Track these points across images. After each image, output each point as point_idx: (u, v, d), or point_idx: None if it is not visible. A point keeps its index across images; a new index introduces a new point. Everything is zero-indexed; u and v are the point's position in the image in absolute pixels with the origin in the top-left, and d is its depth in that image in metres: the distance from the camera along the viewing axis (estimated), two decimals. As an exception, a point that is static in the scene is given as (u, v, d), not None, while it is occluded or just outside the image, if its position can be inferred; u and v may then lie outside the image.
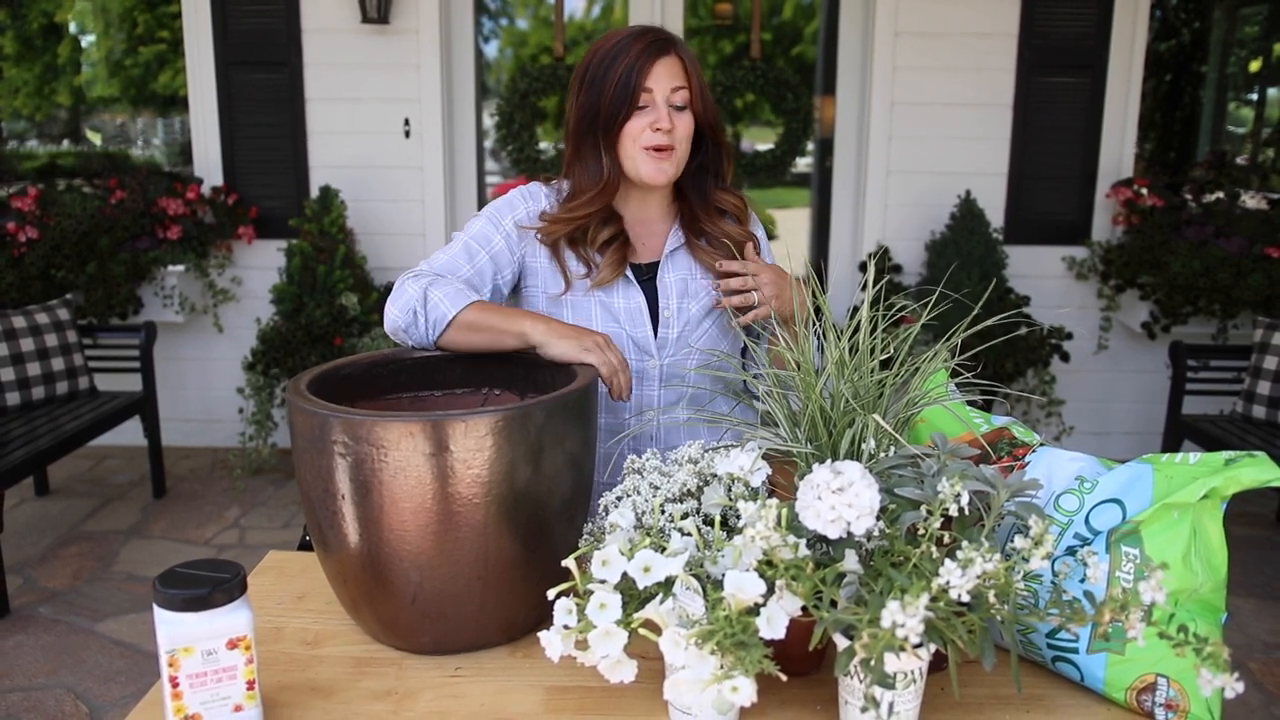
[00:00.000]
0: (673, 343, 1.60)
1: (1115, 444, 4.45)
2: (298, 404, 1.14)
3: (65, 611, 3.07)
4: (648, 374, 1.60)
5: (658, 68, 1.51)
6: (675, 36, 1.57)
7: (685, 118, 1.54)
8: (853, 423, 1.11)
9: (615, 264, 1.57)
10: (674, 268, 1.62)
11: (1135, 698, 1.04)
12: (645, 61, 1.50)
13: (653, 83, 1.51)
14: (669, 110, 1.52)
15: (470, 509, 1.09)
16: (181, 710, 0.98)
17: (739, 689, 0.87)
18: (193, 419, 4.57)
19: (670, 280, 1.61)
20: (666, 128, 1.51)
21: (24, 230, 3.92)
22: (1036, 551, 0.91)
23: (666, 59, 1.52)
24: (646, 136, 1.51)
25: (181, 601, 0.96)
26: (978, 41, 4.18)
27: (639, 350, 1.59)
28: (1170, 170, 4.62)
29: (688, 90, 1.53)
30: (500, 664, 1.16)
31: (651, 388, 1.60)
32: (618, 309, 1.58)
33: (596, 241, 1.57)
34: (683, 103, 1.54)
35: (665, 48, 1.52)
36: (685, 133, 1.54)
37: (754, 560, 0.93)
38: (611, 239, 1.58)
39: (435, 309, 1.44)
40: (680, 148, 1.55)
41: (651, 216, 1.65)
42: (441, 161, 4.31)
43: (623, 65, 1.51)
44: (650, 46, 1.51)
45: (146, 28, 4.64)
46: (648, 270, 1.62)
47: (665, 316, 1.60)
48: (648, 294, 1.61)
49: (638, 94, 1.51)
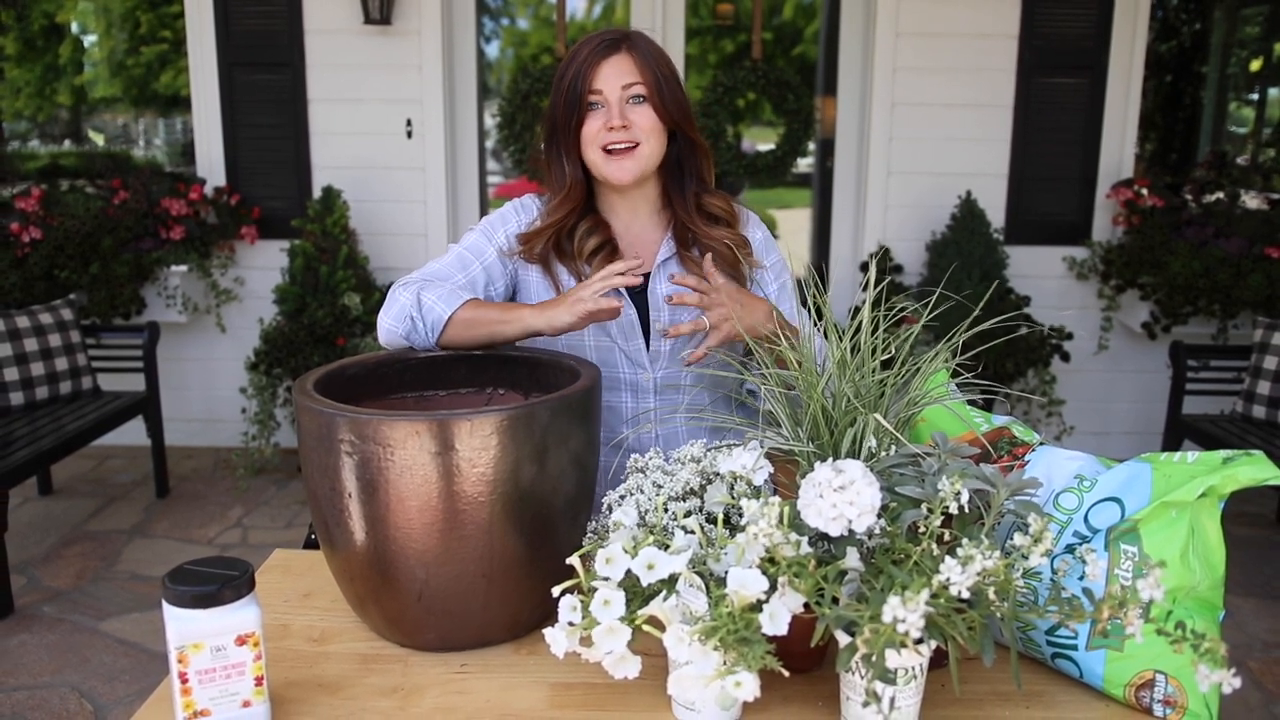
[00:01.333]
0: (665, 355, 1.58)
1: (1115, 444, 4.46)
2: (305, 403, 1.15)
3: (69, 610, 3.08)
4: (642, 386, 1.59)
5: (604, 68, 1.51)
6: (633, 34, 1.55)
7: (644, 110, 1.52)
8: (854, 422, 1.12)
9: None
10: (665, 279, 1.58)
11: (1134, 694, 1.05)
12: (591, 64, 1.51)
13: (600, 83, 1.51)
14: (622, 107, 1.51)
15: (475, 507, 1.10)
16: (191, 706, 0.99)
17: (742, 684, 0.88)
18: (195, 419, 4.58)
19: (661, 292, 1.58)
20: (618, 124, 1.50)
21: (27, 230, 3.93)
22: (1036, 549, 0.92)
23: (615, 57, 1.51)
24: (602, 137, 1.51)
25: (191, 598, 0.97)
26: (978, 42, 4.19)
27: (632, 364, 1.58)
28: (1170, 170, 4.63)
29: (642, 85, 1.51)
30: (505, 661, 1.17)
31: (647, 400, 1.60)
32: (609, 323, 1.55)
33: (584, 252, 1.56)
34: (638, 97, 1.52)
35: (614, 47, 1.52)
36: (648, 125, 1.52)
37: (756, 558, 0.95)
38: (598, 248, 1.56)
39: (431, 311, 1.44)
40: (646, 142, 1.52)
41: (644, 225, 1.63)
42: (443, 162, 4.32)
43: (572, 70, 1.52)
44: (598, 48, 1.51)
45: (149, 28, 4.65)
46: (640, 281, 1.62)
47: (657, 330, 1.58)
48: (640, 307, 1.59)
49: (585, 96, 1.51)
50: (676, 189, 1.62)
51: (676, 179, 1.62)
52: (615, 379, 1.59)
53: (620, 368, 1.58)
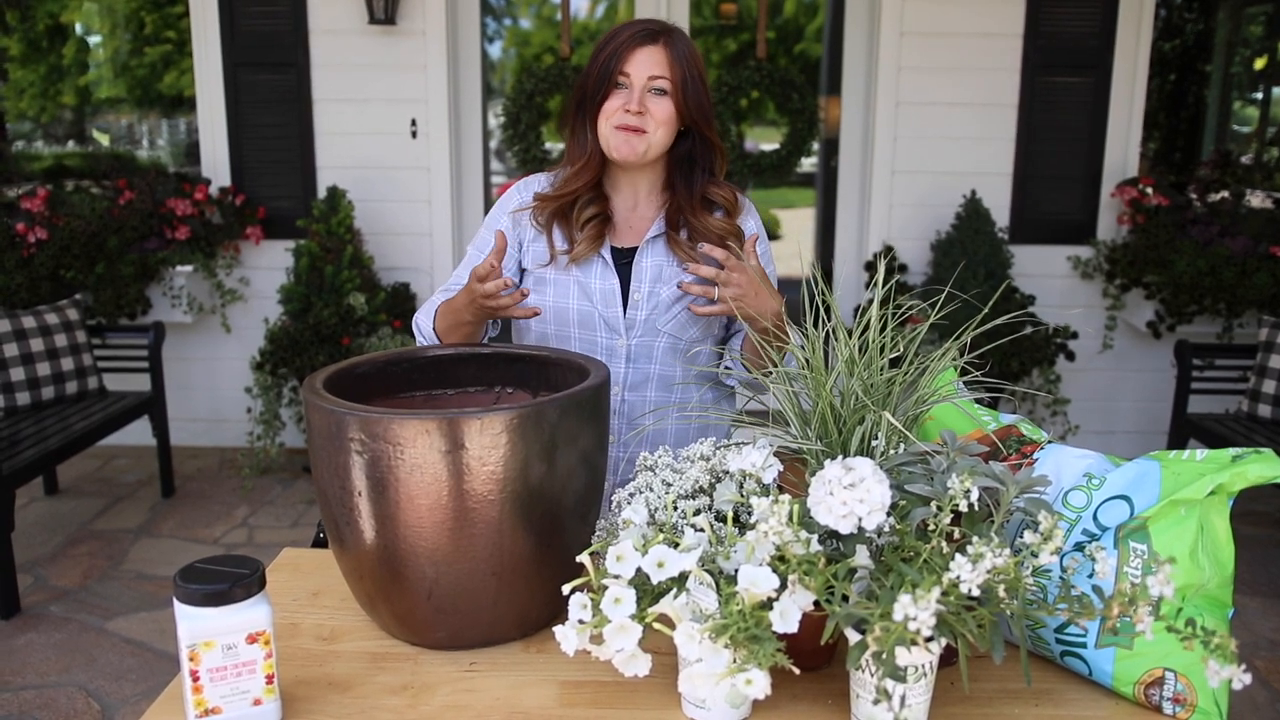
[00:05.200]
0: (640, 324, 1.67)
1: (1120, 443, 4.46)
2: (315, 402, 1.15)
3: (76, 610, 3.09)
4: (615, 352, 1.68)
5: (639, 54, 1.59)
6: (674, 29, 1.63)
7: (663, 103, 1.60)
8: (863, 420, 1.12)
9: (591, 239, 1.65)
10: (652, 254, 1.68)
11: (1143, 691, 1.05)
12: (628, 47, 1.59)
13: (630, 68, 1.59)
14: (643, 94, 1.59)
15: (485, 506, 1.10)
16: (202, 704, 0.99)
17: (753, 682, 0.88)
18: (201, 419, 4.59)
19: (646, 265, 1.68)
20: (634, 108, 1.58)
21: (33, 231, 3.94)
22: (1045, 547, 0.92)
23: (651, 47, 1.60)
24: (618, 116, 1.59)
25: (202, 596, 0.97)
26: (983, 42, 4.18)
27: (609, 329, 1.67)
28: (1175, 169, 4.62)
29: (668, 80, 1.59)
30: (515, 659, 1.17)
31: (618, 366, 1.68)
32: (593, 289, 1.67)
33: (580, 219, 1.66)
34: (661, 89, 1.60)
35: (653, 38, 1.60)
36: (662, 116, 1.60)
37: (766, 555, 0.95)
38: (593, 218, 1.66)
39: (421, 330, 1.67)
40: (654, 132, 1.60)
41: (641, 203, 1.72)
42: (448, 162, 4.33)
43: (609, 49, 1.60)
44: (637, 34, 1.60)
45: (153, 28, 4.65)
46: (628, 255, 1.69)
47: (635, 299, 1.67)
48: (624, 277, 1.68)
49: (615, 75, 1.59)
50: (683, 179, 1.70)
51: (686, 171, 1.70)
52: (592, 342, 1.69)
53: (598, 330, 1.67)
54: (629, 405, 1.70)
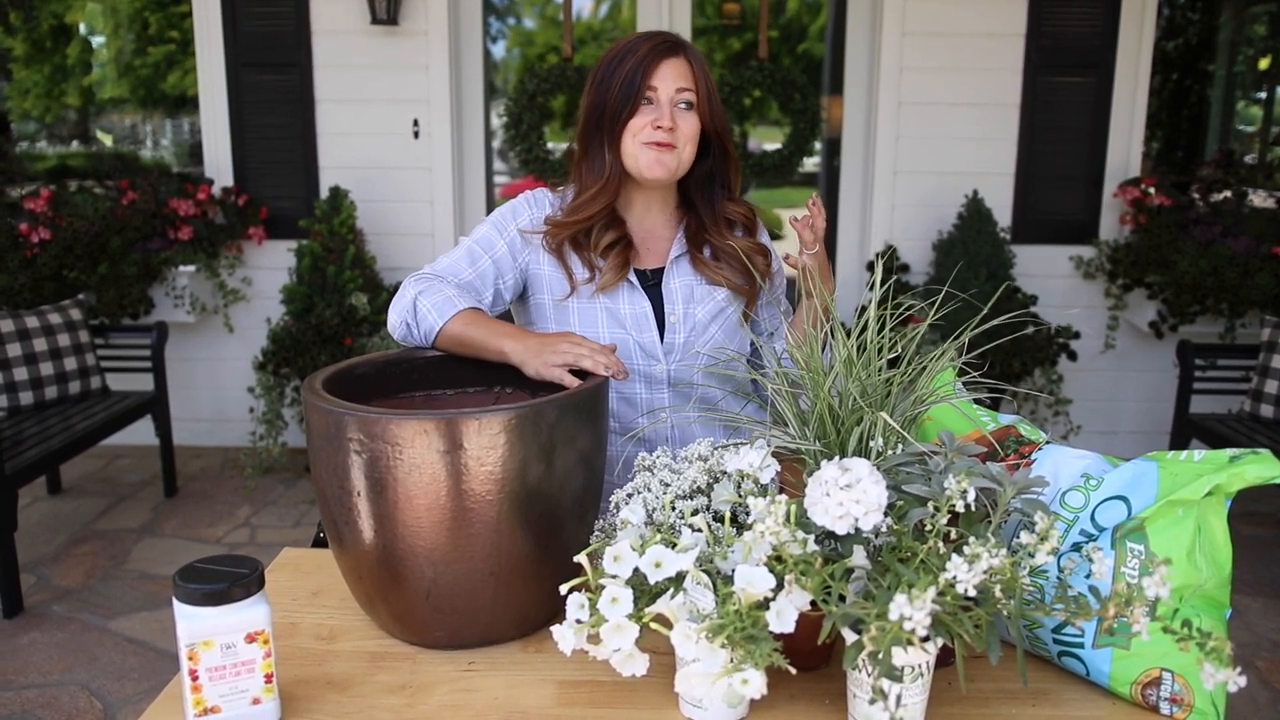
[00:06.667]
0: (679, 348, 1.61)
1: (1122, 443, 4.45)
2: (314, 402, 1.15)
3: (78, 609, 3.09)
4: (655, 378, 1.61)
5: (664, 67, 1.53)
6: (686, 41, 1.59)
7: (690, 118, 1.55)
8: (860, 420, 1.13)
9: (617, 267, 1.58)
10: (679, 273, 1.63)
11: (1140, 692, 1.05)
12: (652, 61, 1.53)
13: (657, 81, 1.53)
14: (672, 109, 1.53)
15: (483, 506, 1.11)
16: (201, 703, 1.00)
17: (749, 681, 0.89)
18: (203, 418, 4.60)
19: (676, 286, 1.62)
20: (667, 125, 1.52)
21: (36, 231, 3.95)
22: (1042, 547, 0.92)
23: (674, 60, 1.54)
24: (647, 133, 1.53)
25: (201, 596, 0.98)
26: (985, 42, 4.18)
27: (646, 355, 1.60)
28: (1178, 169, 4.62)
29: (694, 93, 1.55)
30: (513, 658, 1.17)
31: (660, 391, 1.62)
32: (623, 315, 1.59)
33: (599, 245, 1.58)
34: (688, 104, 1.55)
35: (674, 50, 1.55)
36: (689, 133, 1.55)
37: (763, 556, 0.95)
38: (614, 243, 1.59)
39: (424, 320, 1.48)
40: (683, 148, 1.56)
41: (656, 223, 1.66)
42: (450, 162, 4.33)
43: (630, 63, 1.53)
44: (658, 47, 1.54)
45: (156, 28, 4.66)
46: (653, 276, 1.64)
47: (671, 322, 1.61)
48: (653, 299, 1.62)
49: (642, 91, 1.53)
50: (704, 195, 1.66)
51: (706, 186, 1.66)
52: (630, 370, 1.60)
53: (634, 358, 1.60)
54: (680, 432, 1.62)
